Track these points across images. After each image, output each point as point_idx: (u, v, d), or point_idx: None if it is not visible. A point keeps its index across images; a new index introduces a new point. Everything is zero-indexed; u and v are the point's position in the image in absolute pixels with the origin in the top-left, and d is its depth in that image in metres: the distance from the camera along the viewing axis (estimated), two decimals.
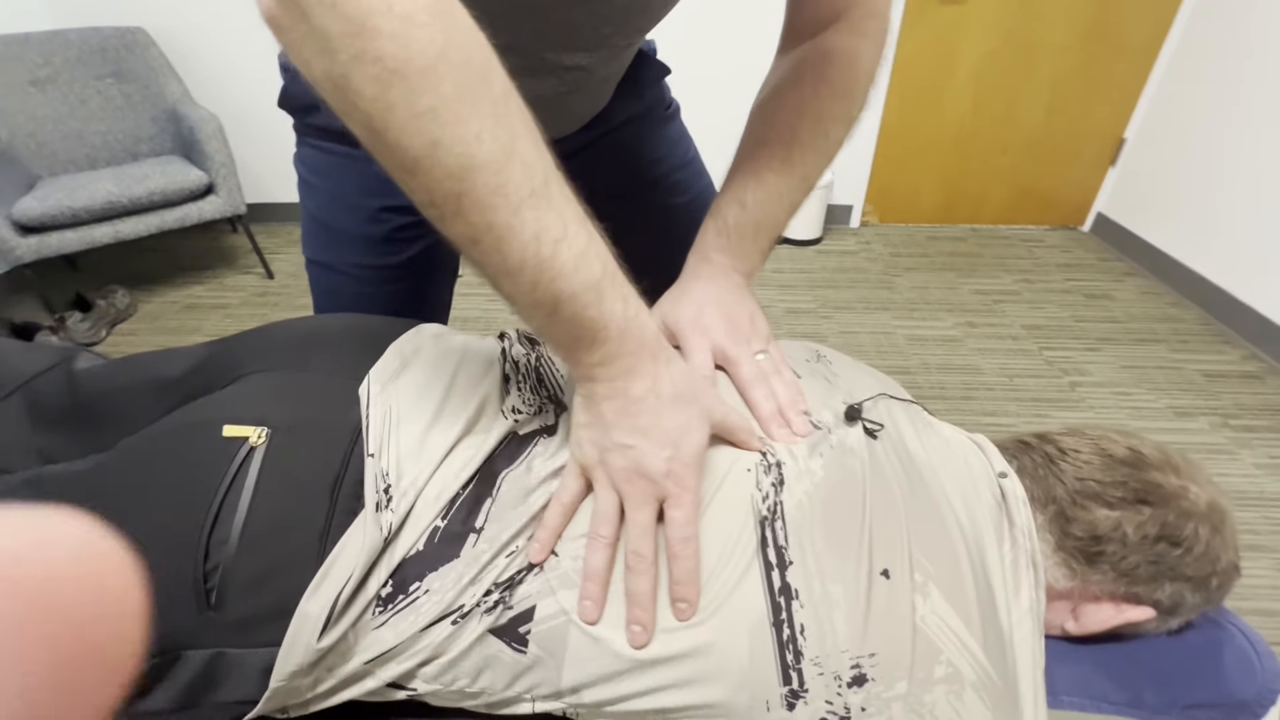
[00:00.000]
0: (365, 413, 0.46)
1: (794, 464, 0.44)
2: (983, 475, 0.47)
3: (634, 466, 0.39)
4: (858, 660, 0.37)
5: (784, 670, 0.37)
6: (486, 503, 0.43)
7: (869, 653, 0.37)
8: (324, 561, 0.39)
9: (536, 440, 0.47)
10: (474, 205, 0.33)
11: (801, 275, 2.22)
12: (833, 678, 0.36)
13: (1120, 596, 0.47)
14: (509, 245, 0.34)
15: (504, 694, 0.41)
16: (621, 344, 0.39)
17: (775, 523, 0.40)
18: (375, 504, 0.41)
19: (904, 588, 0.39)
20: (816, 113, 0.55)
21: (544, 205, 0.34)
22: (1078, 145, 2.38)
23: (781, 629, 0.37)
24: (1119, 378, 1.69)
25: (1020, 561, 0.43)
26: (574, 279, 0.36)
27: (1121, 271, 2.22)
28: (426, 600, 0.40)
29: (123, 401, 0.55)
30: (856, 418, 0.48)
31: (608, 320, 0.38)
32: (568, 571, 0.40)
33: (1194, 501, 0.47)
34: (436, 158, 0.31)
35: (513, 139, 0.33)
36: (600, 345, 0.39)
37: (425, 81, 0.30)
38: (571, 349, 0.40)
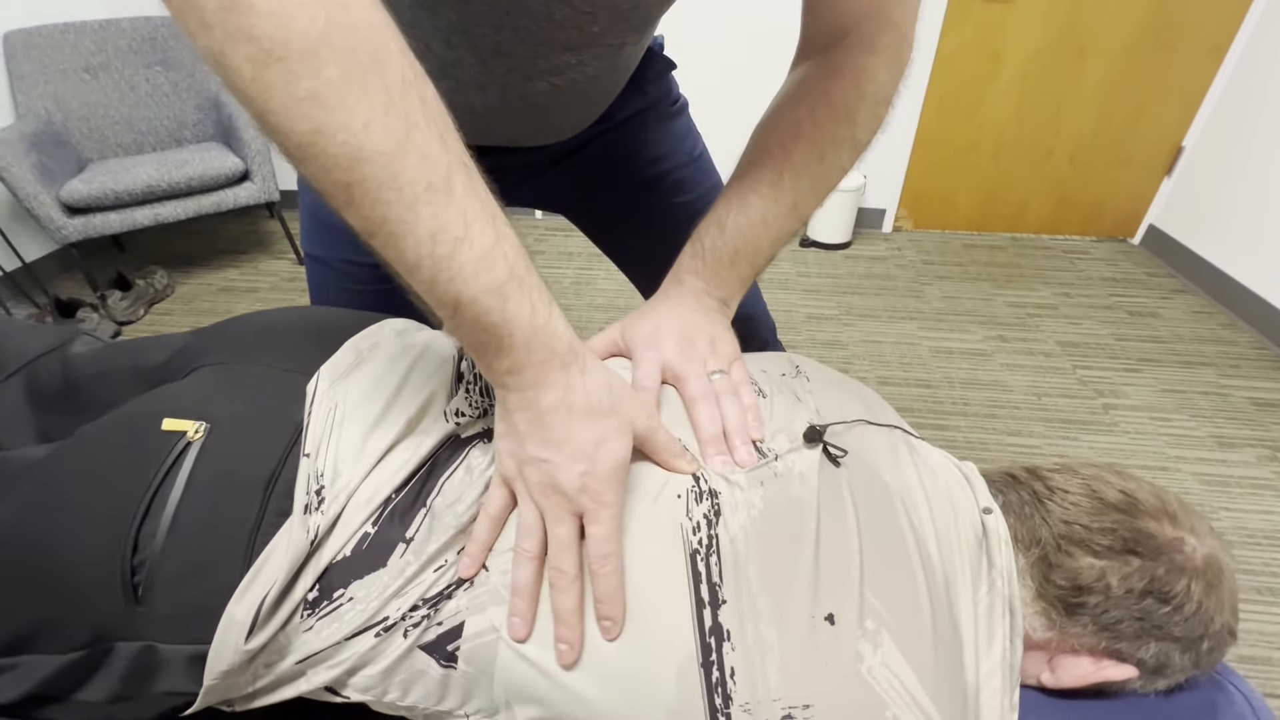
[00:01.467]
0: (308, 410, 0.45)
1: (731, 494, 0.41)
2: (965, 510, 0.44)
3: (548, 481, 0.38)
4: (790, 711, 0.34)
5: (712, 713, 0.35)
6: (421, 512, 0.42)
7: (803, 703, 0.34)
8: (252, 563, 0.39)
9: (475, 443, 0.46)
10: (364, 198, 0.31)
11: (827, 280, 2.16)
12: None
13: (1101, 651, 0.44)
14: (403, 242, 0.33)
15: (436, 709, 0.41)
16: (528, 353, 0.37)
17: (710, 557, 0.38)
18: (304, 506, 0.40)
19: (850, 635, 0.36)
20: (813, 135, 0.52)
21: (443, 201, 0.32)
22: (1130, 152, 2.26)
23: (711, 670, 0.35)
24: (1159, 402, 1.60)
25: (996, 607, 0.40)
26: (474, 281, 0.34)
27: (1171, 288, 2.10)
28: (350, 608, 0.39)
29: (106, 387, 0.57)
30: (817, 439, 0.45)
31: (512, 326, 0.36)
32: (497, 587, 0.39)
33: (1189, 556, 0.43)
34: (320, 146, 0.30)
35: (408, 129, 0.31)
36: (506, 353, 0.37)
37: (305, 65, 0.28)
38: (479, 354, 0.38)
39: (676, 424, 0.47)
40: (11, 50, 2.00)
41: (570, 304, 2.04)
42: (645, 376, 0.49)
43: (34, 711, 0.41)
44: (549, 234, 2.49)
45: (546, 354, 0.38)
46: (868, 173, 2.31)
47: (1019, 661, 0.41)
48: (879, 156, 2.34)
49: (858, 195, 2.27)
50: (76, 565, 0.40)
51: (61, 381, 0.61)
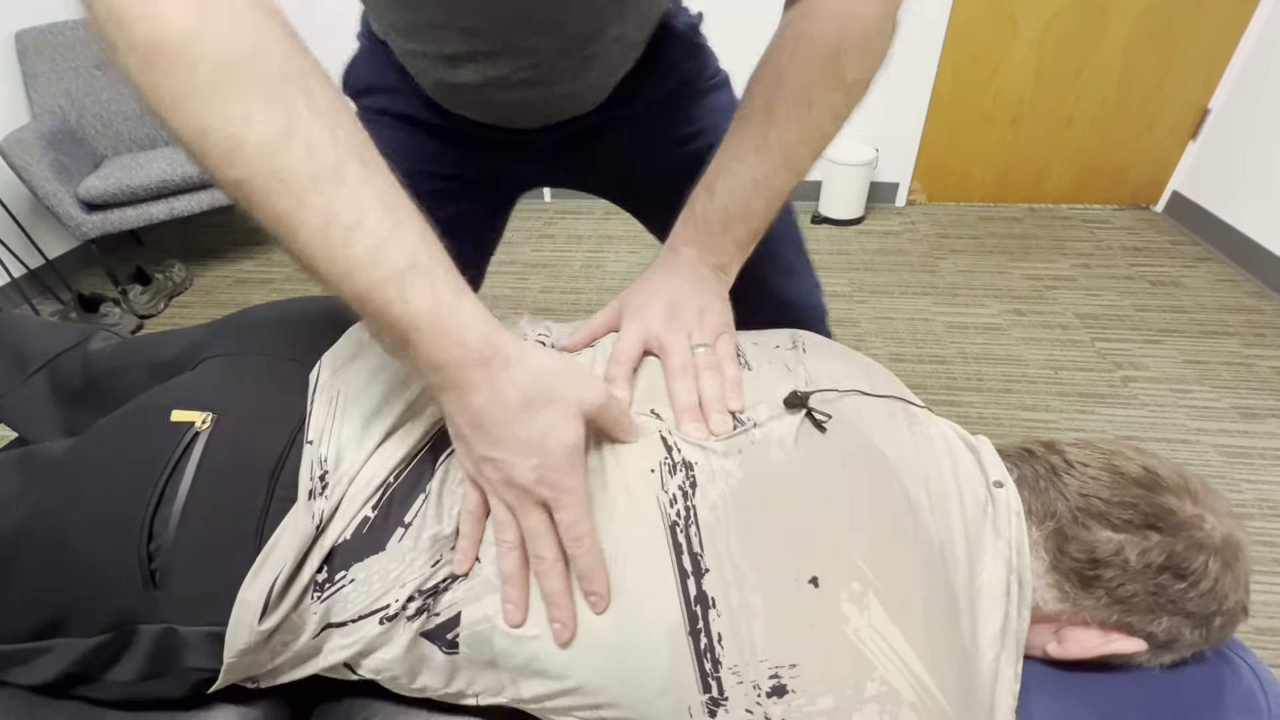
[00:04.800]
0: (311, 399, 0.47)
1: (707, 464, 0.42)
2: (970, 481, 0.44)
3: (504, 478, 0.38)
4: (776, 670, 0.35)
5: (703, 678, 0.36)
6: (420, 497, 0.43)
7: (789, 663, 0.35)
8: (262, 548, 0.40)
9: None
10: (254, 192, 0.32)
11: (839, 257, 2.14)
12: (751, 687, 0.35)
13: (1111, 625, 0.44)
14: (298, 235, 0.33)
15: (446, 690, 0.42)
16: (438, 348, 0.36)
17: (689, 528, 0.39)
18: (309, 492, 0.42)
19: (834, 597, 0.37)
20: (797, 82, 0.49)
21: (332, 192, 0.32)
22: (1154, 117, 2.18)
23: (699, 638, 0.36)
24: (1180, 373, 1.57)
25: (1001, 578, 0.41)
26: (371, 271, 0.34)
27: (1195, 256, 2.04)
28: (353, 590, 0.41)
29: (123, 381, 0.59)
30: (798, 405, 0.45)
31: (417, 322, 0.35)
32: (489, 577, 0.40)
33: (1208, 533, 0.43)
34: (208, 141, 0.31)
35: (290, 121, 0.31)
36: (418, 351, 0.36)
37: (178, 63, 0.30)
38: (401, 356, 0.38)
39: (656, 394, 0.47)
40: (24, 49, 2.02)
41: (580, 287, 2.04)
42: (624, 348, 0.49)
43: (70, 690, 0.44)
44: (558, 217, 2.48)
45: (459, 350, 0.36)
46: (880, 146, 2.26)
47: (1025, 633, 0.42)
48: (891, 129, 2.30)
49: (870, 169, 2.23)
50: (96, 553, 0.42)
51: (82, 377, 0.63)
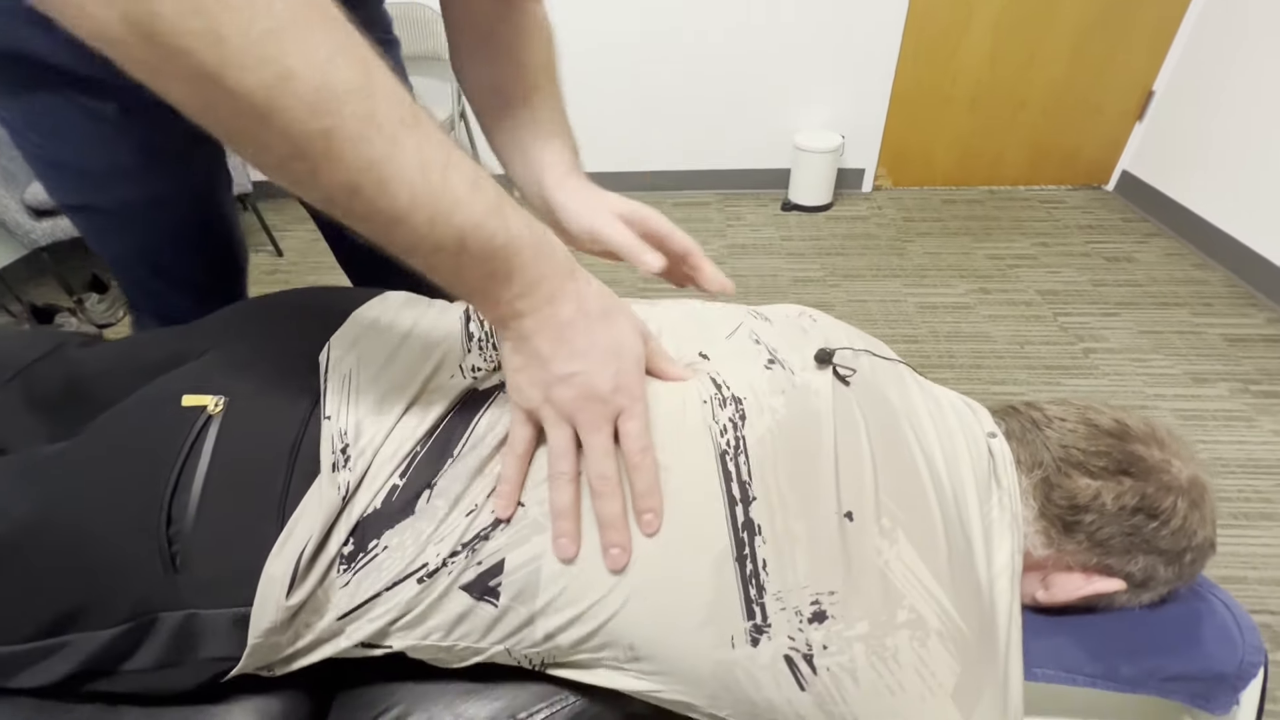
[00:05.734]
0: (324, 377, 0.47)
1: (755, 399, 0.44)
2: (972, 434, 0.47)
3: (583, 392, 0.39)
4: (817, 596, 0.37)
5: (747, 605, 0.37)
6: (447, 461, 0.44)
7: (828, 590, 0.37)
8: (285, 524, 0.40)
9: (495, 395, 0.48)
10: (346, 141, 0.29)
11: (810, 243, 2.18)
12: (794, 613, 0.37)
13: (1092, 567, 0.47)
14: (395, 183, 0.31)
15: (478, 644, 0.43)
16: (538, 267, 0.37)
17: (739, 457, 0.41)
18: (331, 465, 0.42)
19: (868, 531, 0.39)
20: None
21: (421, 132, 0.31)
22: (1102, 99, 2.27)
23: (745, 564, 0.38)
24: (1136, 343, 1.64)
25: (1004, 521, 0.43)
26: (474, 206, 0.33)
27: (1145, 232, 2.14)
28: (386, 557, 0.41)
29: (111, 385, 0.57)
30: (827, 361, 0.48)
31: (519, 245, 0.36)
32: (536, 518, 0.41)
33: (1175, 475, 0.46)
34: (290, 91, 0.27)
35: (367, 63, 0.29)
36: (518, 274, 0.37)
37: (255, 3, 0.26)
38: (487, 289, 0.38)
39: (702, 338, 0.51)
40: None
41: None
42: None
43: (82, 686, 0.43)
44: None
45: (552, 265, 0.38)
46: (845, 133, 2.31)
47: (1020, 574, 0.44)
48: (856, 116, 2.34)
49: (837, 156, 2.27)
50: (113, 543, 0.41)
51: (62, 384, 0.61)
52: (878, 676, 0.36)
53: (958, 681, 0.36)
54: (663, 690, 0.40)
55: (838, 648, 0.36)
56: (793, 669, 0.36)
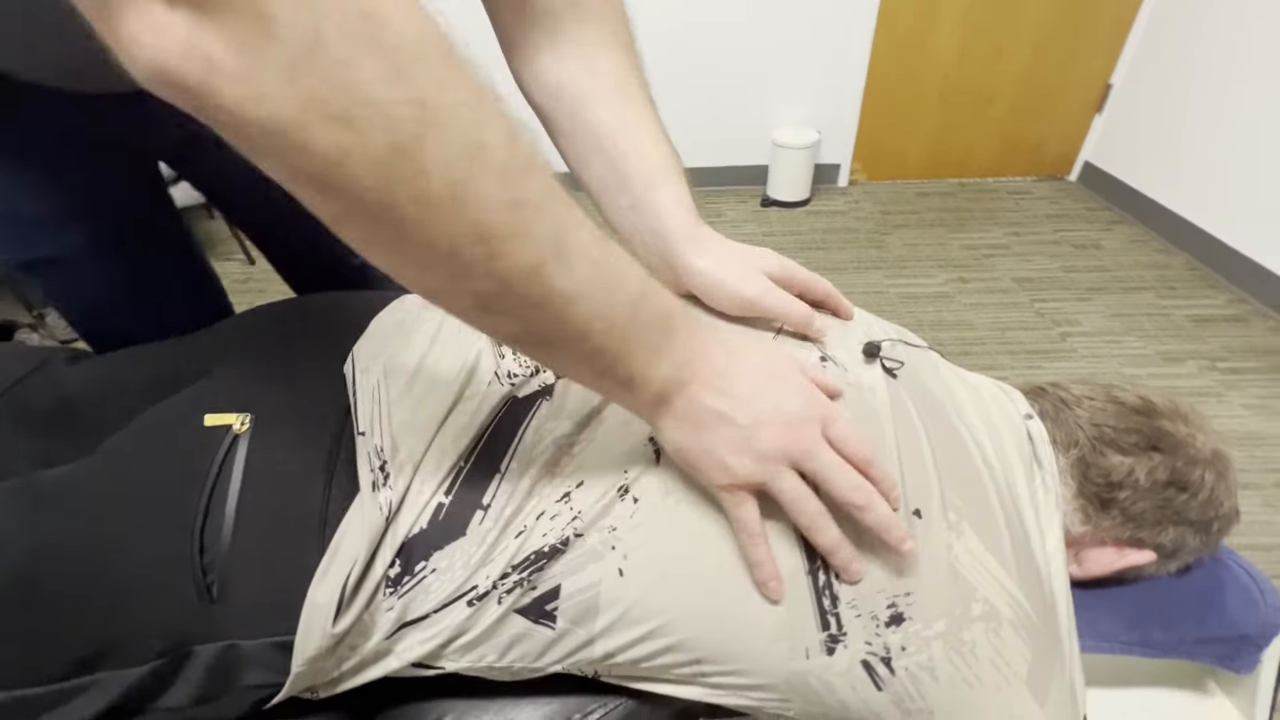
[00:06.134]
0: (352, 390, 0.45)
1: None
2: (1009, 417, 0.47)
3: (785, 422, 0.36)
4: (893, 600, 0.37)
5: (821, 617, 0.37)
6: (495, 478, 0.42)
7: (905, 592, 0.37)
8: (327, 546, 0.39)
9: (538, 404, 0.46)
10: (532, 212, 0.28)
11: (792, 238, 2.20)
12: (870, 618, 0.36)
13: (1124, 541, 0.48)
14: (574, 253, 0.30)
15: (534, 664, 0.42)
16: (686, 326, 0.35)
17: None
18: (371, 483, 0.40)
19: (938, 528, 0.39)
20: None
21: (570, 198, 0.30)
22: (1064, 93, 2.36)
23: (817, 575, 0.38)
24: (1109, 326, 1.71)
25: (1049, 502, 0.44)
26: (633, 269, 0.33)
27: (1109, 220, 2.22)
28: (435, 580, 0.40)
29: (106, 401, 0.54)
30: (875, 354, 0.47)
31: (672, 305, 0.35)
32: (594, 547, 0.40)
33: (1200, 449, 0.47)
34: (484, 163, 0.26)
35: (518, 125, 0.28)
36: (678, 338, 0.35)
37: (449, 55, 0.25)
38: (650, 364, 0.35)
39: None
40: None
41: None
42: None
43: None
44: None
45: (689, 318, 0.36)
46: (821, 129, 2.34)
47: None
48: (831, 112, 2.38)
49: (813, 152, 2.30)
50: (141, 575, 0.39)
51: (54, 402, 0.58)
52: (955, 671, 0.36)
53: (1030, 668, 0.37)
54: (730, 698, 0.40)
55: (916, 647, 0.36)
56: (870, 672, 0.36)
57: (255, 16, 0.21)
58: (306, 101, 0.22)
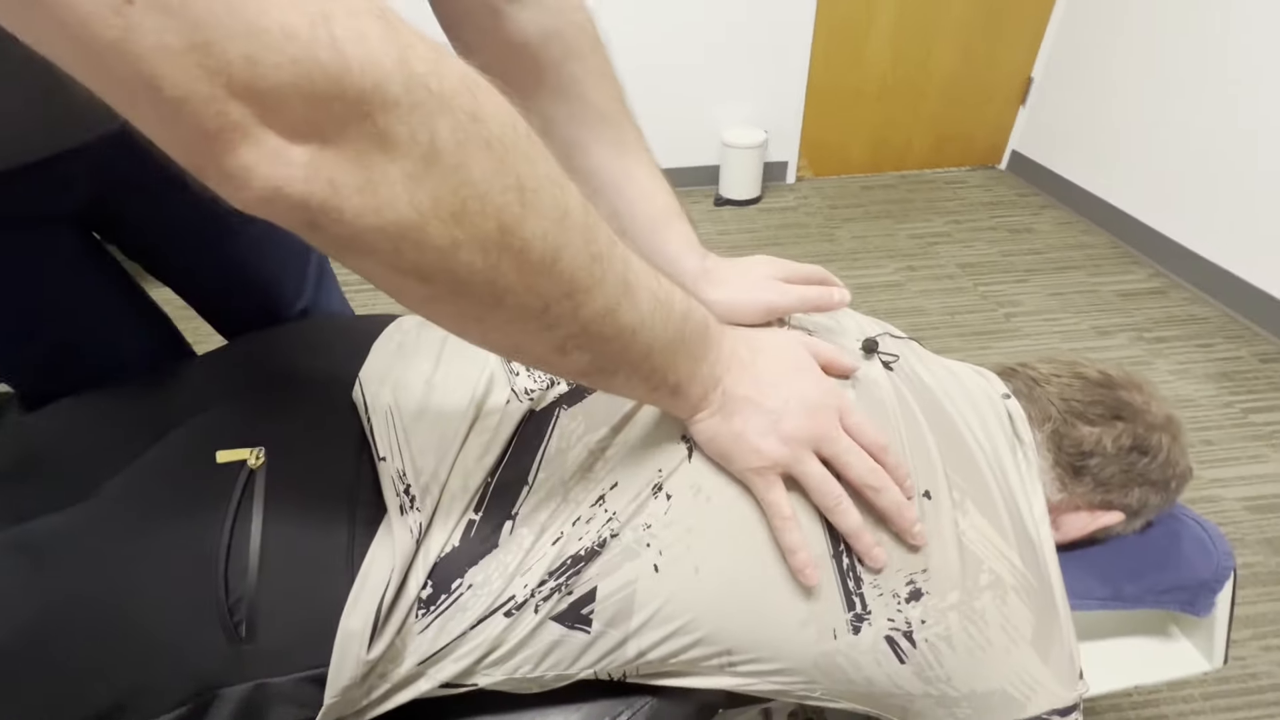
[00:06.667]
0: (366, 416, 0.45)
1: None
2: (989, 398, 0.51)
3: (806, 408, 0.40)
4: (911, 577, 0.39)
5: (847, 597, 0.39)
6: (524, 490, 0.43)
7: (921, 568, 0.39)
8: (356, 575, 0.39)
9: (556, 414, 0.47)
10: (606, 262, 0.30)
11: (747, 235, 2.26)
12: (891, 596, 0.39)
13: (1096, 504, 0.52)
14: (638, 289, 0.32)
15: (567, 670, 0.42)
16: (717, 327, 0.39)
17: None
18: (399, 507, 0.41)
19: (945, 506, 0.42)
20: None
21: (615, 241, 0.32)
22: (990, 87, 2.50)
23: (841, 559, 0.40)
24: (1047, 305, 1.82)
25: (1032, 475, 0.47)
26: (675, 290, 0.35)
27: (1039, 205, 2.37)
28: (471, 595, 0.40)
29: (82, 444, 0.51)
30: (873, 350, 0.50)
31: (704, 312, 0.38)
32: (629, 544, 0.41)
33: (1155, 414, 0.52)
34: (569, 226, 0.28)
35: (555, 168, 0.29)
36: (713, 342, 0.39)
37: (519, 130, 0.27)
38: (694, 372, 0.38)
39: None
40: None
41: None
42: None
43: None
44: None
45: (708, 319, 0.39)
46: (768, 127, 2.41)
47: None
48: (776, 111, 2.45)
49: (762, 150, 2.37)
50: (163, 623, 0.38)
51: (18, 452, 0.55)
52: (970, 638, 0.39)
53: (1034, 629, 0.40)
54: (757, 684, 0.41)
55: (935, 619, 0.39)
56: (893, 647, 0.39)
57: (376, 138, 0.22)
58: (426, 204, 0.23)
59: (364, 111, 0.21)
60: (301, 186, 0.22)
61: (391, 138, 0.22)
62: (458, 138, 0.23)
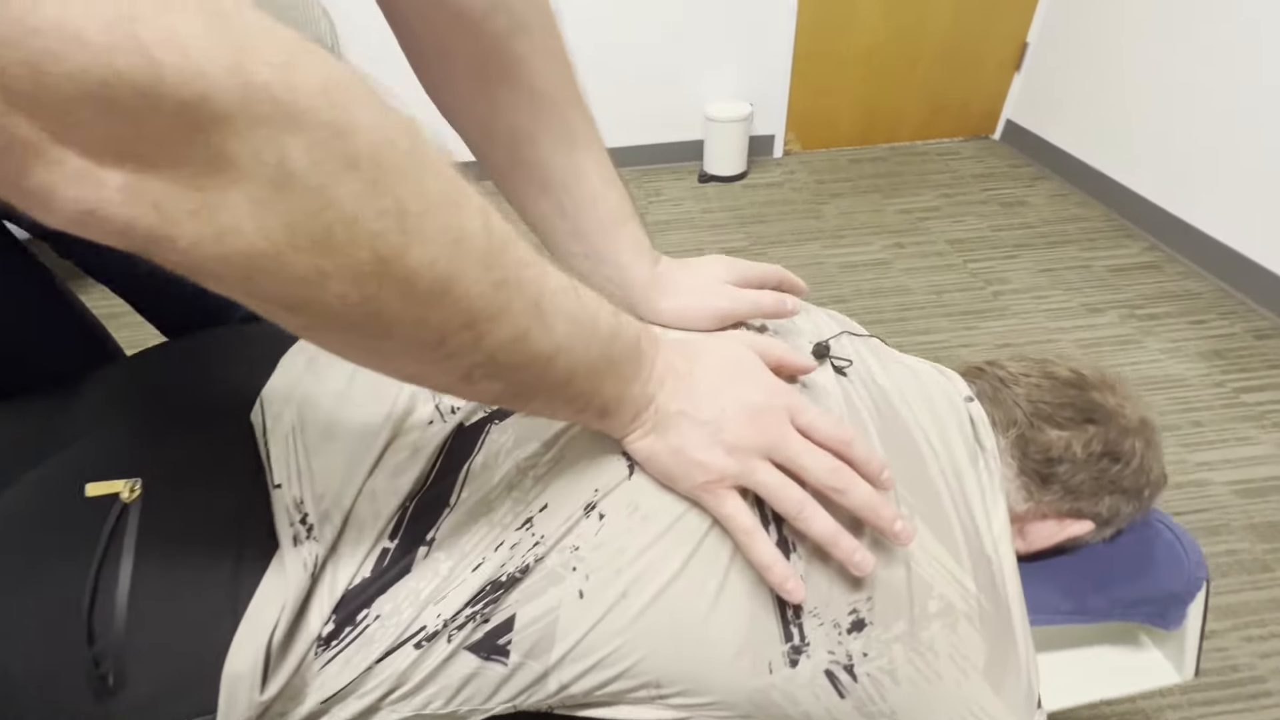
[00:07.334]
0: (263, 439, 0.41)
1: None
2: (952, 402, 0.47)
3: (747, 412, 0.37)
4: (855, 605, 0.36)
5: (784, 627, 0.36)
6: (444, 511, 0.39)
7: (865, 597, 0.36)
8: (244, 614, 0.35)
9: (486, 429, 0.43)
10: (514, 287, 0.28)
11: (730, 213, 2.19)
12: (832, 626, 0.36)
13: (1065, 513, 0.49)
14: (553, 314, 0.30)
15: (483, 705, 0.39)
16: (651, 342, 0.37)
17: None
18: (292, 538, 0.37)
19: None
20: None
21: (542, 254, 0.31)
22: (984, 53, 2.40)
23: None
24: (1036, 282, 1.77)
25: (994, 486, 0.44)
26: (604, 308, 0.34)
27: (1032, 177, 2.30)
28: (378, 627, 0.37)
29: None
30: (825, 355, 0.47)
31: (638, 328, 0.36)
32: (554, 568, 0.38)
33: (1129, 418, 0.49)
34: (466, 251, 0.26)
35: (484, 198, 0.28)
36: (645, 359, 0.37)
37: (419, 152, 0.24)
38: (624, 393, 0.36)
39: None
40: None
41: None
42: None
43: None
44: None
45: (649, 331, 0.38)
46: (753, 100, 2.32)
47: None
48: (761, 83, 2.36)
49: (747, 124, 2.28)
50: (24, 674, 0.34)
51: None
52: (916, 671, 0.36)
53: (987, 658, 0.37)
54: (690, 715, 0.38)
55: (877, 652, 0.36)
56: (833, 681, 0.36)
57: (208, 159, 0.19)
58: (279, 232, 0.20)
59: (189, 128, 0.18)
60: (120, 210, 0.19)
61: (229, 158, 0.19)
62: (314, 157, 0.20)
